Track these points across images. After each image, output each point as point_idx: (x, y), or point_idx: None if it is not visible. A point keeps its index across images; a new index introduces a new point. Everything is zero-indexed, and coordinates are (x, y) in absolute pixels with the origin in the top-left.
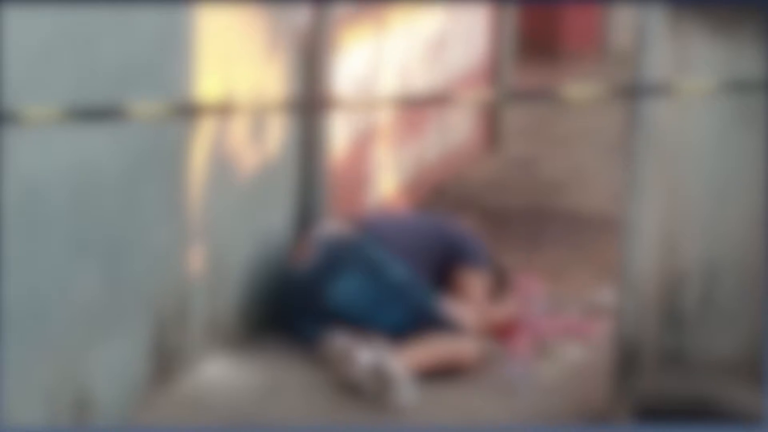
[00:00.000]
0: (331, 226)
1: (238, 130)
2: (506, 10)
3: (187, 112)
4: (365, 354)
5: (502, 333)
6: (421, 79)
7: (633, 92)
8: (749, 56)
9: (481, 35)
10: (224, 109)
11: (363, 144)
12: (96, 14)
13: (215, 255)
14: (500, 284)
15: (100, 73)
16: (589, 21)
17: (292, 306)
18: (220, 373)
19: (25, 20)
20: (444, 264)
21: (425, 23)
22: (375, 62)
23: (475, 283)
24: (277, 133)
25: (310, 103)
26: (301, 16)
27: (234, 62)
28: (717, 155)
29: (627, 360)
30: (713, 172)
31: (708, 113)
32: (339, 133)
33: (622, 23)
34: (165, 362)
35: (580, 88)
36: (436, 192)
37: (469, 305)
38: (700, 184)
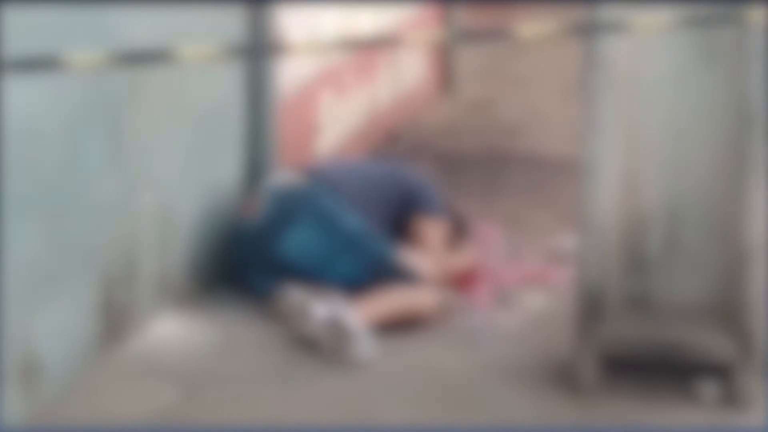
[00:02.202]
0: (282, 177)
1: (185, 80)
2: None
3: (128, 60)
4: (321, 308)
5: (461, 282)
6: (369, 22)
7: (587, 30)
8: None
9: None
10: (167, 57)
11: (312, 91)
12: None
13: (163, 209)
14: (458, 232)
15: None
16: None
17: (244, 260)
18: (171, 331)
19: None
20: (400, 212)
21: None
22: (322, 6)
23: (432, 231)
24: (224, 82)
25: (257, 48)
26: None
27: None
28: (677, 93)
29: (590, 306)
30: (674, 110)
31: (667, 49)
32: (287, 81)
33: None
34: (114, 321)
35: (533, 27)
36: (389, 138)
37: (427, 254)
38: (661, 122)
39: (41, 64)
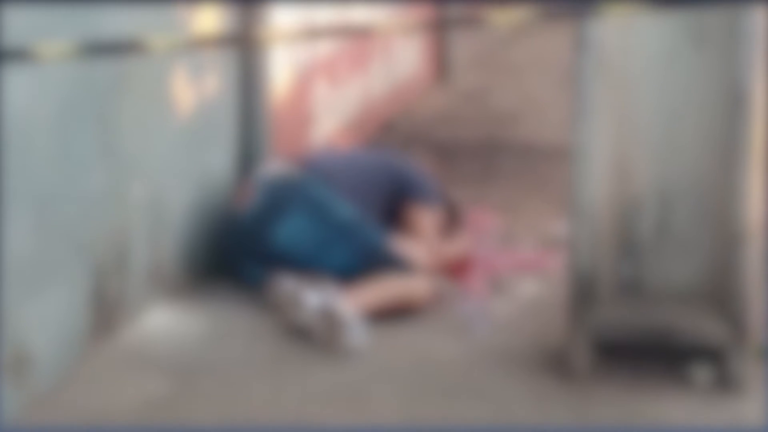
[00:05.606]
0: (274, 166)
1: (176, 69)
2: None
3: (99, 51)
4: (313, 297)
5: (455, 270)
6: (362, 17)
7: (559, 16)
8: None
9: None
10: (137, 48)
11: (305, 81)
12: None
13: (154, 199)
14: (452, 220)
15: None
16: None
17: (236, 250)
18: (164, 322)
19: None
20: (393, 201)
21: None
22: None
23: (426, 219)
24: (217, 71)
25: (226, 39)
26: None
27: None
28: (667, 76)
29: (582, 292)
30: (664, 94)
31: (657, 32)
32: (280, 71)
33: None
34: (105, 313)
35: (507, 14)
36: (384, 127)
37: (421, 242)
38: (651, 106)
39: (11, 55)
